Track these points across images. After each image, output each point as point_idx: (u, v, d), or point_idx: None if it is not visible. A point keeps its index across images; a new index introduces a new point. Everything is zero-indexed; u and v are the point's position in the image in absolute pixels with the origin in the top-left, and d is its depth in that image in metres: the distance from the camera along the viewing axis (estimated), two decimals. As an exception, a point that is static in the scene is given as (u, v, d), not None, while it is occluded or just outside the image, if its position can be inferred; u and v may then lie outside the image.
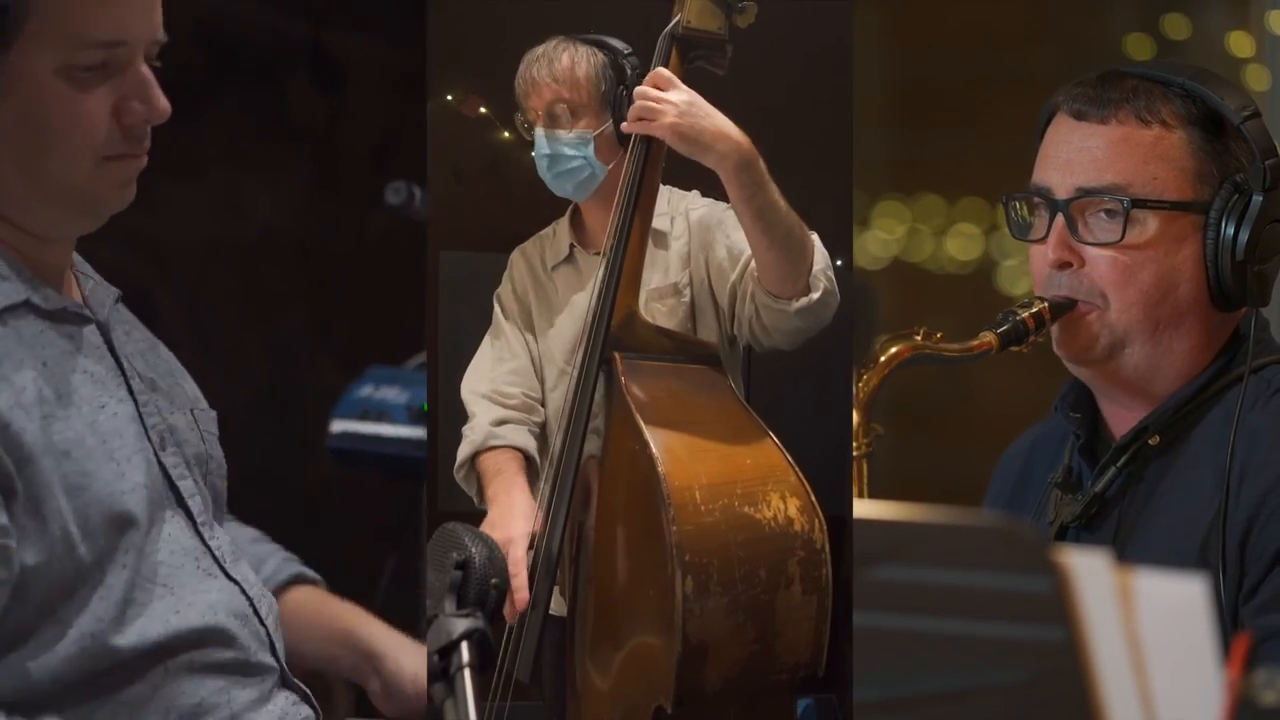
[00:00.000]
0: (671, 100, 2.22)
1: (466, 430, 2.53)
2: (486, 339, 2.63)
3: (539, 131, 2.52)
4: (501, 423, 2.50)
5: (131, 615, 1.70)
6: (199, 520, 1.79)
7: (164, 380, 1.85)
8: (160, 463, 1.77)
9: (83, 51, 1.67)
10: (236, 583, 1.80)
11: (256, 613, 1.81)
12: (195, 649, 1.73)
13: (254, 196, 2.96)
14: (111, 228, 1.77)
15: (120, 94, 1.70)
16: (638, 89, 2.28)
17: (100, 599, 1.67)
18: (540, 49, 2.56)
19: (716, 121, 2.22)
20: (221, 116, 2.93)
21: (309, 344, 2.86)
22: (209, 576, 1.77)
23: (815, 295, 2.30)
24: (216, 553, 1.79)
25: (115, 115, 1.70)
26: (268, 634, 1.81)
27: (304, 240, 2.92)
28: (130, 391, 1.77)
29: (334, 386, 3.15)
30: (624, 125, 2.33)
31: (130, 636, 1.69)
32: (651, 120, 2.23)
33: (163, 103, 1.72)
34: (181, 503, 1.78)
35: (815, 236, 2.33)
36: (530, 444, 2.50)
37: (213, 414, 1.92)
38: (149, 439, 1.76)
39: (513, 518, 2.28)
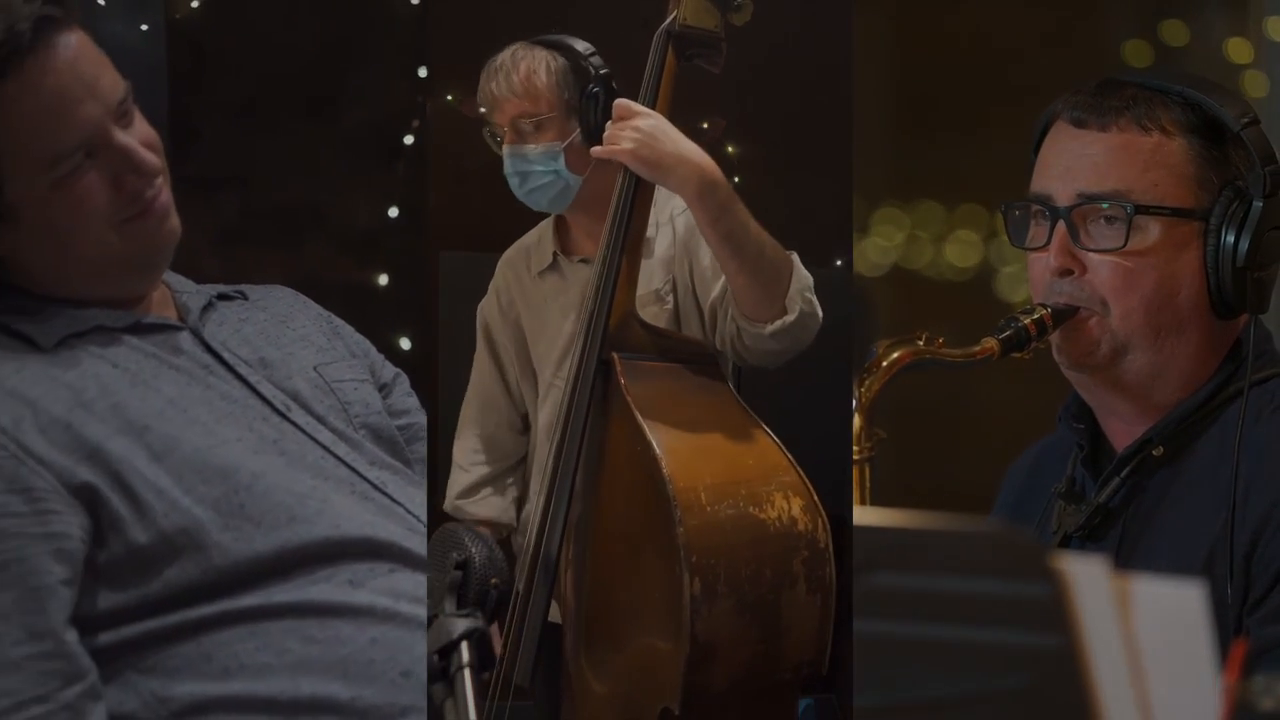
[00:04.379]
0: (634, 125, 2.19)
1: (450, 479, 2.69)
2: (473, 370, 2.72)
3: (506, 149, 2.52)
4: (470, 492, 2.65)
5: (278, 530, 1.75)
6: (350, 461, 1.85)
7: (277, 354, 1.94)
8: (292, 421, 1.85)
9: (61, 163, 1.75)
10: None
11: None
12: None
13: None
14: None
15: (111, 170, 1.78)
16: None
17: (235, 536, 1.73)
18: (499, 59, 2.54)
19: (678, 145, 2.19)
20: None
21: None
22: (365, 499, 1.83)
23: (791, 317, 2.27)
24: (376, 481, 1.85)
25: (114, 187, 1.79)
26: None
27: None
28: (237, 375, 1.87)
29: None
30: (593, 151, 2.31)
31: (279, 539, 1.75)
32: (615, 147, 2.21)
33: (149, 163, 1.80)
34: (325, 449, 1.85)
35: (795, 256, 2.31)
36: (499, 510, 2.64)
37: (349, 363, 2.00)
38: (270, 406, 1.85)
39: None
